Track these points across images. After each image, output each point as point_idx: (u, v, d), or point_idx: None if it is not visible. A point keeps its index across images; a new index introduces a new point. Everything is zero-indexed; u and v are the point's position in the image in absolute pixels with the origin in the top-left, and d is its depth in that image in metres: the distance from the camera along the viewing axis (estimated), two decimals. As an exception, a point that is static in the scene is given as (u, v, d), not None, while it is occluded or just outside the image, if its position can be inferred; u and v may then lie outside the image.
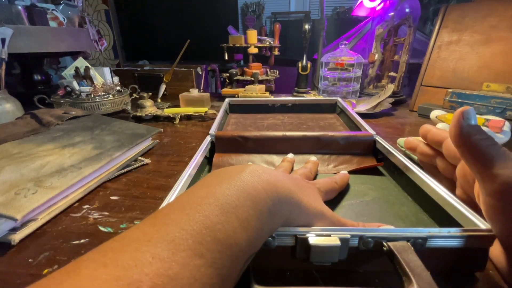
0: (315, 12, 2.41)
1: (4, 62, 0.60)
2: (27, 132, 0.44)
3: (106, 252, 0.12)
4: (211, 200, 0.15)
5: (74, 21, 0.89)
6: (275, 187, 0.18)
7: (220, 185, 0.17)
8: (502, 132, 0.48)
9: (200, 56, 1.78)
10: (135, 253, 0.12)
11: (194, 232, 0.13)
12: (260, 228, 0.16)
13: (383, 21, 0.82)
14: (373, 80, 0.90)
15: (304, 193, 0.21)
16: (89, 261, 0.12)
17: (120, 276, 0.11)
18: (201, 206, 0.15)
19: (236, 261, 0.15)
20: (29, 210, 0.27)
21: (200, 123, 0.66)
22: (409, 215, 0.28)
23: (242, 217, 0.15)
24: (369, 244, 0.20)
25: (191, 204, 0.15)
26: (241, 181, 0.17)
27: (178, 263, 0.12)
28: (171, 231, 0.13)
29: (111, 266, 0.11)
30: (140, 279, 0.11)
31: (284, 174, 0.22)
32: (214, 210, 0.15)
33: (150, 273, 0.11)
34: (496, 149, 0.19)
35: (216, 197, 0.16)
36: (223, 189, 0.16)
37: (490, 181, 0.19)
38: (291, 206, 0.19)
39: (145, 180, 0.39)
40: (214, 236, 0.14)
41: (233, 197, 0.16)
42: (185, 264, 0.12)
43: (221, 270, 0.13)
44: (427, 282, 0.16)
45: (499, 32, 0.62)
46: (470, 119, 0.20)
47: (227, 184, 0.17)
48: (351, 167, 0.38)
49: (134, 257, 0.12)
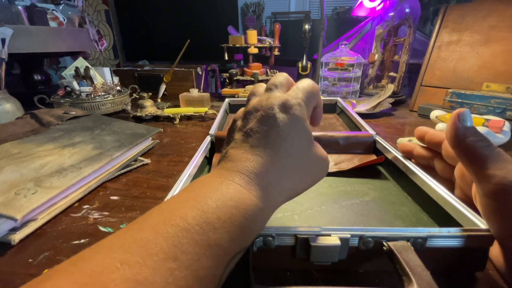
0: (315, 12, 2.41)
1: (4, 62, 0.60)
2: (27, 132, 0.44)
3: (76, 261, 0.12)
4: (191, 203, 0.15)
5: (74, 21, 0.89)
6: (260, 179, 0.18)
7: (201, 189, 0.17)
8: (502, 132, 0.48)
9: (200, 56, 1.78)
10: (104, 259, 0.12)
11: (168, 235, 0.13)
12: (247, 225, 0.16)
13: (383, 21, 0.82)
14: (373, 80, 0.90)
15: (292, 158, 0.19)
16: (59, 271, 0.12)
17: (86, 283, 0.11)
18: (179, 209, 0.15)
19: (217, 261, 0.14)
20: (29, 210, 0.27)
21: (200, 123, 0.66)
22: (409, 215, 0.28)
23: (224, 217, 0.15)
24: (369, 244, 0.20)
25: (170, 208, 0.15)
26: (222, 184, 0.17)
27: (149, 267, 0.12)
28: (145, 235, 0.13)
29: (78, 274, 0.11)
30: (106, 285, 0.11)
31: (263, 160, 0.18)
32: (192, 212, 0.15)
33: (116, 279, 0.11)
34: (491, 150, 0.19)
35: (196, 200, 0.15)
36: (204, 192, 0.16)
37: (486, 182, 0.19)
38: (281, 188, 0.19)
39: (145, 180, 0.39)
40: (191, 238, 0.14)
41: (213, 198, 0.16)
42: (157, 268, 0.12)
43: (198, 271, 0.13)
44: (427, 282, 0.16)
45: (499, 32, 0.62)
46: (466, 121, 0.21)
47: (207, 187, 0.17)
48: (352, 164, 0.38)
49: (102, 263, 0.12)
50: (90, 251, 0.13)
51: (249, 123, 0.20)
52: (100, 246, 0.13)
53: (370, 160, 0.37)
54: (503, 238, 0.19)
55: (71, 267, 0.12)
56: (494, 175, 0.18)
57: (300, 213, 0.28)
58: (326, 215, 0.28)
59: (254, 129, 0.19)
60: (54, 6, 0.84)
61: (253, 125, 0.19)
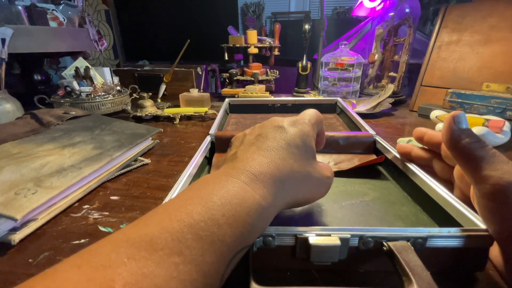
0: (315, 12, 2.41)
1: (4, 62, 0.60)
2: (27, 132, 0.44)
3: (83, 254, 0.13)
4: (196, 201, 0.16)
5: (74, 21, 0.89)
6: (265, 178, 0.18)
7: (206, 187, 0.17)
8: (502, 132, 0.48)
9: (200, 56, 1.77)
10: (111, 254, 0.12)
11: (173, 231, 0.14)
12: (250, 223, 0.16)
13: (383, 21, 0.82)
14: (373, 80, 0.90)
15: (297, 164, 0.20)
16: (66, 264, 0.12)
17: (92, 277, 0.11)
18: (185, 206, 0.15)
19: (221, 257, 0.15)
20: (29, 210, 0.27)
21: (200, 123, 0.66)
22: (409, 215, 0.28)
23: (229, 214, 0.15)
24: (369, 244, 0.20)
25: (176, 205, 0.16)
26: (227, 182, 0.17)
27: (154, 261, 0.12)
28: (150, 231, 0.14)
29: (85, 268, 0.12)
30: (113, 278, 0.11)
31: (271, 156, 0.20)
32: (197, 208, 0.15)
33: (123, 273, 0.11)
34: (486, 151, 0.20)
35: (201, 197, 0.16)
36: (209, 190, 0.17)
37: (482, 183, 0.19)
38: (284, 192, 0.19)
39: (145, 180, 0.39)
40: (196, 233, 0.14)
41: (218, 196, 0.16)
42: (161, 262, 0.12)
43: (202, 266, 0.14)
44: (427, 282, 0.16)
45: (499, 32, 0.62)
46: (461, 123, 0.21)
47: (213, 185, 0.17)
48: (352, 164, 0.38)
49: (109, 258, 0.12)
50: (97, 245, 0.13)
51: (259, 131, 0.22)
52: (106, 240, 0.13)
53: (370, 160, 0.37)
54: (501, 238, 0.19)
55: (78, 260, 0.12)
56: (490, 176, 0.19)
57: (300, 213, 0.28)
58: (326, 215, 0.28)
59: (264, 134, 0.21)
60: (54, 6, 0.84)
61: (263, 131, 0.22)
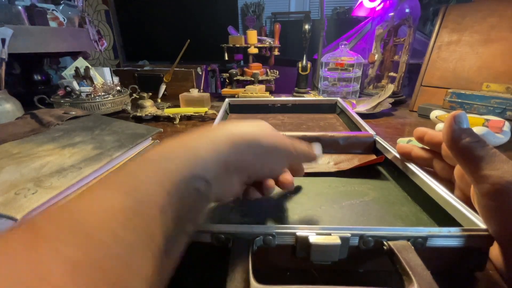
0: (315, 12, 2.41)
1: (4, 62, 0.60)
2: (27, 132, 0.44)
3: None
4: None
5: (74, 21, 0.89)
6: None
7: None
8: (502, 132, 0.48)
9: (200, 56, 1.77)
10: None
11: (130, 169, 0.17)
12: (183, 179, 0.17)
13: (383, 21, 0.82)
14: (373, 80, 0.90)
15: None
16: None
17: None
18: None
19: (151, 220, 0.14)
20: (29, 210, 0.27)
21: (200, 123, 0.66)
22: (409, 215, 0.28)
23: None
24: (369, 243, 0.20)
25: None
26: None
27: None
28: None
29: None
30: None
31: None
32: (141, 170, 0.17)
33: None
34: (486, 151, 0.20)
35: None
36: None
37: (482, 182, 0.19)
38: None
39: (145, 180, 0.39)
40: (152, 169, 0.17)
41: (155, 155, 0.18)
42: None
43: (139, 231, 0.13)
44: (427, 282, 0.16)
45: (499, 32, 0.62)
46: (462, 122, 0.21)
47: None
48: (351, 164, 0.38)
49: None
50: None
51: None
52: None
53: (370, 160, 0.37)
54: (501, 238, 0.19)
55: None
56: (490, 176, 0.19)
57: (300, 213, 0.28)
58: (326, 215, 0.28)
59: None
60: (54, 6, 0.84)
61: None
